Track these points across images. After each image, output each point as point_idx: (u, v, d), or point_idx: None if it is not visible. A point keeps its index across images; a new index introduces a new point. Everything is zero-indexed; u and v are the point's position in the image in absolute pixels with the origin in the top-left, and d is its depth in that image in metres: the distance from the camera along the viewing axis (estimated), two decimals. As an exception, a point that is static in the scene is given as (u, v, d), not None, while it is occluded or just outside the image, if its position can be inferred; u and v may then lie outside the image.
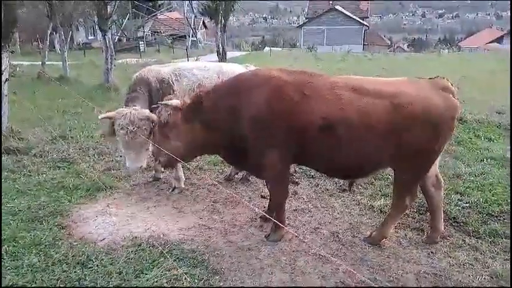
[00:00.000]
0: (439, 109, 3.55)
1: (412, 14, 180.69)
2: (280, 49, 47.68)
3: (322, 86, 3.75)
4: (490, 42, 53.44)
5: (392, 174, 5.28)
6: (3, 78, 6.63)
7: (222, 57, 15.52)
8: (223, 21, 15.30)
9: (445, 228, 4.26)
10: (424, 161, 3.74)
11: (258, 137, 3.82)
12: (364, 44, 48.64)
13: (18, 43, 28.71)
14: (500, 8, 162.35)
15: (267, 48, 46.72)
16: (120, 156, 6.60)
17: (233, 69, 5.46)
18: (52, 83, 13.65)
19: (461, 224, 4.49)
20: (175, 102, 4.06)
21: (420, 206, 4.81)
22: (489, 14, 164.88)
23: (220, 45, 15.42)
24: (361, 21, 49.77)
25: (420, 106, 3.52)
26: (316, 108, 3.64)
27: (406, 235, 4.31)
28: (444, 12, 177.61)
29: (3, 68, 6.60)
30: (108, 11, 12.34)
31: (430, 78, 3.82)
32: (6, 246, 3.70)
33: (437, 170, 4.12)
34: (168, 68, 5.26)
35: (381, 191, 5.35)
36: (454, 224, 4.51)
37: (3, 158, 6.02)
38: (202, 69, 5.31)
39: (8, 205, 4.58)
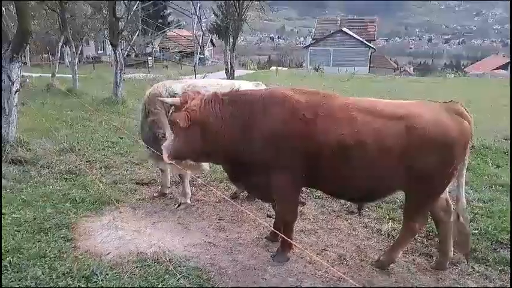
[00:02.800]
0: (452, 132, 3.52)
1: (419, 39, 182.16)
2: (286, 68, 47.99)
3: (336, 107, 3.75)
4: (496, 69, 53.59)
5: (400, 198, 5.32)
6: (14, 89, 6.68)
7: (230, 75, 15.63)
8: (232, 40, 15.49)
9: (453, 254, 4.19)
10: (437, 185, 3.70)
11: (268, 156, 3.80)
12: (370, 66, 48.89)
13: (28, 55, 29.07)
14: (506, 36, 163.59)
15: (273, 68, 47.04)
16: (127, 170, 6.63)
17: (243, 86, 5.47)
18: (61, 94, 13.80)
19: (471, 251, 4.41)
20: (170, 100, 4.07)
21: (429, 231, 4.75)
22: (495, 41, 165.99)
23: (228, 63, 15.57)
24: (368, 43, 50.15)
25: (434, 129, 3.50)
26: (330, 129, 3.63)
27: (414, 260, 4.25)
28: (450, 38, 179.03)
29: (14, 78, 6.66)
30: (120, 26, 12.51)
31: (444, 102, 3.81)
32: (10, 257, 3.67)
33: (447, 195, 4.07)
34: (181, 84, 5.29)
35: (388, 215, 5.29)
36: (463, 251, 4.43)
37: (10, 168, 6.03)
38: (214, 86, 5.33)
39: (14, 215, 4.55)
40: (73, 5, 15.74)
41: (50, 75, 16.64)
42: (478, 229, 4.81)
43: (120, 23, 12.52)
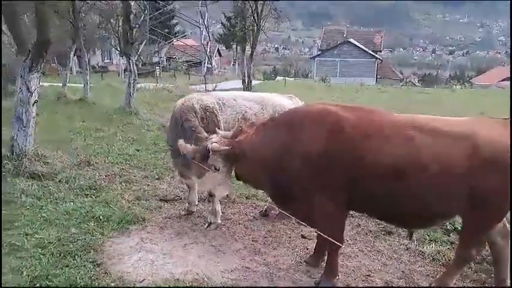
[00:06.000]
0: None
1: (423, 50, 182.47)
2: (293, 79, 47.88)
3: (386, 124, 3.47)
4: (502, 80, 53.30)
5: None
6: (32, 100, 6.43)
7: (248, 86, 15.32)
8: (250, 50, 15.21)
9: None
10: (500, 209, 3.40)
11: (310, 178, 3.54)
12: (377, 77, 48.72)
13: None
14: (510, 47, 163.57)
15: (279, 78, 46.91)
16: (148, 185, 6.36)
17: (276, 99, 5.26)
18: (72, 104, 13.58)
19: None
20: (223, 133, 4.23)
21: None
22: (499, 52, 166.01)
23: (246, 74, 15.25)
24: (374, 54, 50.02)
25: (501, 148, 3.21)
26: (381, 149, 3.35)
27: (465, 287, 3.95)
28: (454, 49, 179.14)
29: (33, 89, 6.42)
30: (133, 36, 12.33)
31: (504, 119, 3.53)
32: (38, 285, 3.38)
33: (504, 218, 3.77)
34: (211, 96, 5.06)
35: (428, 236, 4.98)
36: (517, 278, 4.12)
37: (28, 183, 5.75)
38: (245, 99, 5.10)
39: (37, 236, 4.26)
40: (86, 14, 15.59)
41: (61, 84, 16.46)
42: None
43: (133, 32, 12.33)
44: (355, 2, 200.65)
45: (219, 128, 4.83)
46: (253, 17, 14.41)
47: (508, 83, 50.44)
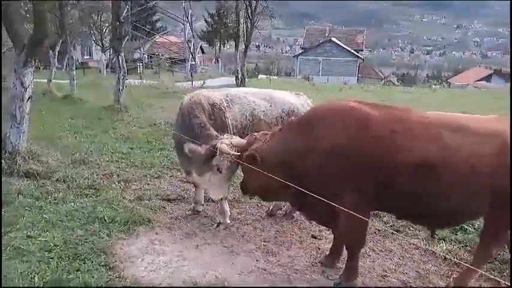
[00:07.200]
0: None
1: (402, 50, 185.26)
2: (276, 77, 47.84)
3: (414, 121, 3.42)
4: (478, 80, 54.49)
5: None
6: (27, 96, 6.18)
7: (242, 82, 15.10)
8: (243, 46, 15.01)
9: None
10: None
11: (334, 177, 3.46)
12: (358, 76, 49.14)
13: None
14: (486, 48, 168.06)
15: (261, 76, 46.79)
16: (148, 184, 6.18)
17: (284, 96, 5.17)
18: (58, 101, 13.21)
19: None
20: (235, 141, 4.17)
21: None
22: (475, 53, 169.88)
23: (239, 70, 15.03)
24: (356, 53, 50.41)
25: None
26: (409, 147, 3.30)
27: (480, 286, 3.94)
28: (432, 49, 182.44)
29: (27, 84, 6.17)
30: (123, 31, 12.05)
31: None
32: (52, 290, 3.20)
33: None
34: (219, 93, 4.92)
35: (437, 234, 4.95)
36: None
37: (24, 182, 5.52)
38: (254, 96, 4.98)
39: (41, 239, 4.05)
40: (70, 9, 15.18)
41: (44, 80, 15.96)
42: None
43: (123, 28, 12.05)
44: (336, 3, 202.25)
45: (227, 126, 4.73)
46: (247, 13, 14.26)
47: (483, 83, 51.68)
